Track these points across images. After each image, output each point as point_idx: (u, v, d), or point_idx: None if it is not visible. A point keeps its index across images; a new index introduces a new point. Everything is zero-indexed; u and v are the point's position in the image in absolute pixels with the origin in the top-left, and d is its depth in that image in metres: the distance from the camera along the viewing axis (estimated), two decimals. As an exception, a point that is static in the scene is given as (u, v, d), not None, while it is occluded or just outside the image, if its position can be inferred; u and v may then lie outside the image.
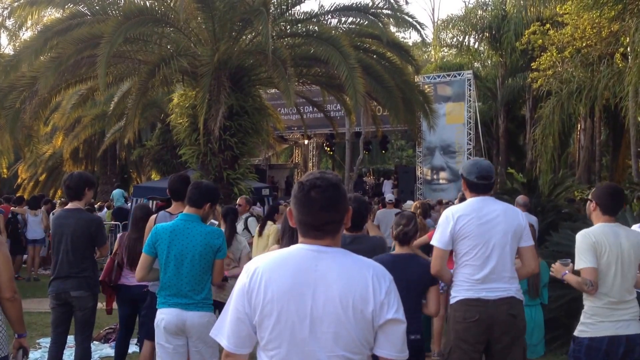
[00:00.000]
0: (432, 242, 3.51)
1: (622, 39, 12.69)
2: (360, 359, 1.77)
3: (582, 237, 3.51)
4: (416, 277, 3.53)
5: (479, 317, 3.34)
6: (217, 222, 4.47)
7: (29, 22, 14.14)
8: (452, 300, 3.49)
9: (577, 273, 3.54)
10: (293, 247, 1.85)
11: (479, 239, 3.37)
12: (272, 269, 1.79)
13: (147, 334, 4.43)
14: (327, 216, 1.79)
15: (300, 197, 1.80)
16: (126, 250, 5.07)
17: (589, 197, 3.75)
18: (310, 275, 1.76)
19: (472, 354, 3.44)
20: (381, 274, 1.80)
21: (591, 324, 3.49)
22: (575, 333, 3.57)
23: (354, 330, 1.73)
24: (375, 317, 1.74)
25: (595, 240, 3.46)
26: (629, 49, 11.70)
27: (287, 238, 3.42)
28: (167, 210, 4.56)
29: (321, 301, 1.73)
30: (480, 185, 3.51)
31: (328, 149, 25.83)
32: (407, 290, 3.41)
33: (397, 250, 3.74)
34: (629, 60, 11.10)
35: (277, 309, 1.74)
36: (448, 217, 3.47)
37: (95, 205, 15.35)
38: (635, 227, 4.63)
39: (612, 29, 12.72)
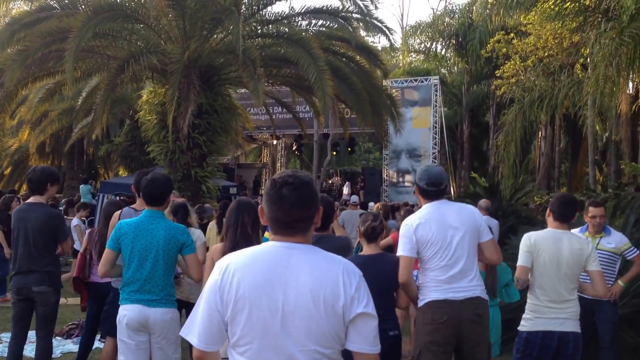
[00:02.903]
0: (397, 253, 3.51)
1: (582, 49, 13.15)
2: (331, 353, 1.79)
3: (523, 239, 3.89)
4: (388, 275, 3.56)
5: (447, 318, 3.36)
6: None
7: (-3, 14, 13.85)
8: (420, 303, 3.50)
9: None
10: (265, 244, 1.87)
11: (440, 243, 3.42)
12: (244, 265, 1.80)
13: (110, 330, 4.43)
14: (298, 213, 1.81)
15: (272, 193, 1.82)
16: (97, 246, 4.97)
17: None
18: (282, 270, 1.78)
19: (442, 355, 3.45)
20: (351, 270, 1.83)
21: (530, 319, 3.84)
22: (519, 328, 3.90)
23: (325, 325, 1.75)
24: (345, 311, 1.76)
25: (533, 243, 3.83)
26: (588, 59, 12.11)
27: (231, 233, 3.44)
28: (131, 206, 4.58)
29: (292, 296, 1.75)
30: (430, 191, 3.55)
31: (296, 149, 25.93)
32: (381, 289, 3.44)
33: (365, 250, 3.76)
34: (588, 71, 11.49)
35: (249, 305, 1.75)
36: (408, 226, 3.50)
37: (63, 200, 15.06)
38: (575, 230, 4.96)
39: (573, 39, 13.19)
